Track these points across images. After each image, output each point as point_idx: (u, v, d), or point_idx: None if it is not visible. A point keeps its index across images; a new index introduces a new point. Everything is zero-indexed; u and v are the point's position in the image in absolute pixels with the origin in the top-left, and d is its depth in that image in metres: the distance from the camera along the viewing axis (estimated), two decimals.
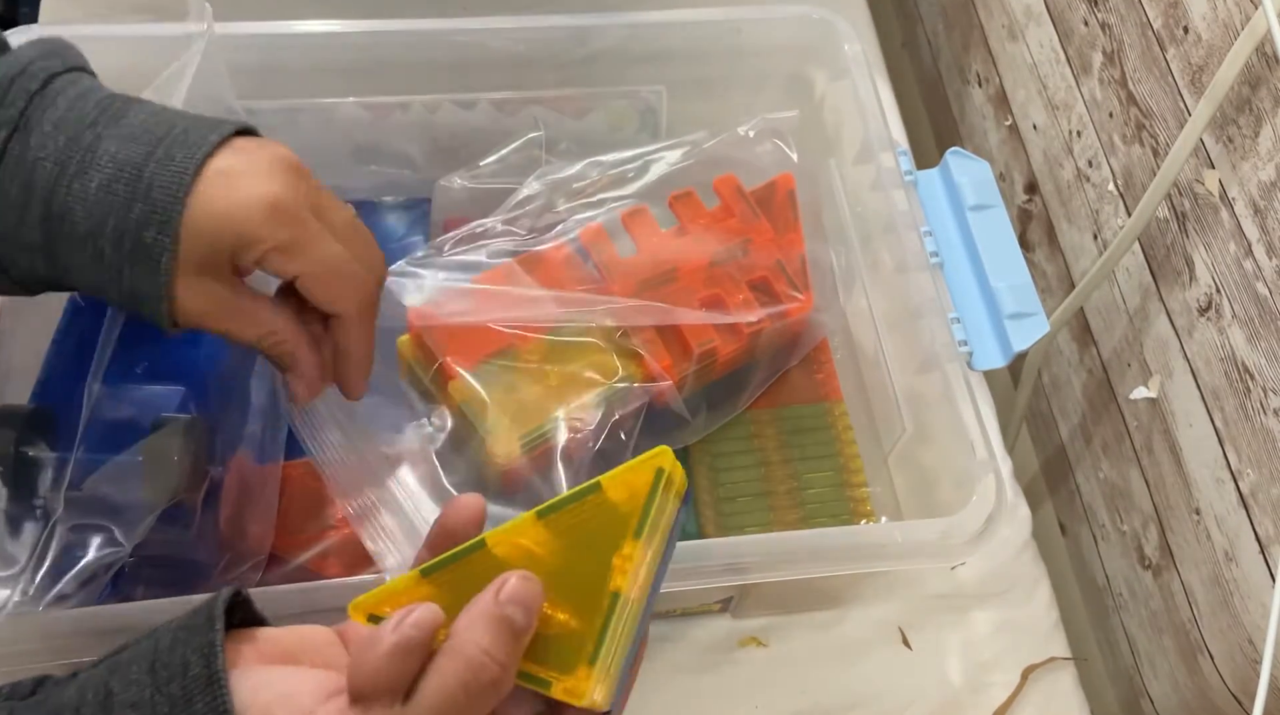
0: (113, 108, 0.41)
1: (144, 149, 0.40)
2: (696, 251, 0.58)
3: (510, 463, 0.51)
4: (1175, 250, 0.67)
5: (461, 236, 0.58)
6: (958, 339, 0.55)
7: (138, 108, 0.42)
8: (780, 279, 0.59)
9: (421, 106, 0.65)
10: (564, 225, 0.58)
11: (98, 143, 0.40)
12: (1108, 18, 0.72)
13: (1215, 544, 0.65)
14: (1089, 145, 0.76)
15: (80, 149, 0.40)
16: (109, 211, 0.40)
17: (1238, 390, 0.62)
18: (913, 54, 1.10)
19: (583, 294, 0.55)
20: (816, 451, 0.61)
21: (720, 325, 0.56)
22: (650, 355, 0.54)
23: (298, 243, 0.41)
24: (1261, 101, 0.58)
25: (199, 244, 0.40)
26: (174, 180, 0.40)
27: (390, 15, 0.61)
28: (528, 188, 0.60)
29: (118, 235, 0.40)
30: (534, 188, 0.60)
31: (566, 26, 0.63)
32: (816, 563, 0.50)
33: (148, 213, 0.39)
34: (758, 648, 0.63)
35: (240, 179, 0.41)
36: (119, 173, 0.40)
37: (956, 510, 0.51)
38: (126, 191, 0.40)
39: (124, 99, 0.42)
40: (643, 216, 0.59)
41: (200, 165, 0.40)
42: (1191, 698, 0.70)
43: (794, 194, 0.61)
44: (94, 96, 0.42)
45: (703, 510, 0.59)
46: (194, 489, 0.47)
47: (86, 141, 0.40)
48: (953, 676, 0.63)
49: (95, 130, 0.40)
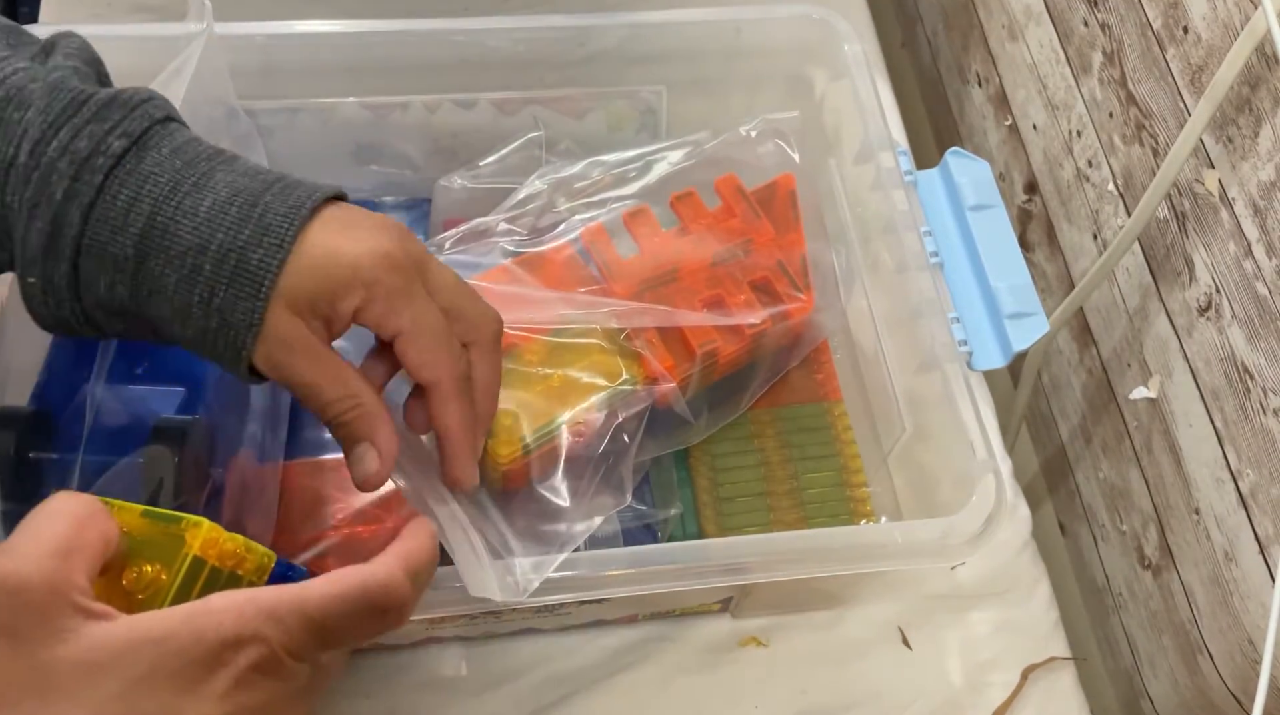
0: (225, 154, 0.41)
1: (260, 183, 0.40)
2: (698, 252, 0.58)
3: (513, 464, 0.51)
4: (1175, 250, 0.67)
5: (461, 235, 0.58)
6: (958, 339, 0.55)
7: (247, 159, 0.42)
8: (782, 279, 0.59)
9: (421, 106, 0.65)
10: (565, 225, 0.58)
11: (213, 172, 0.40)
12: (1107, 18, 0.72)
13: (1215, 544, 0.65)
14: (1089, 145, 0.76)
15: (196, 173, 0.39)
16: (217, 228, 0.39)
17: (1237, 390, 0.62)
18: (913, 54, 1.10)
19: (585, 295, 0.55)
20: (816, 451, 0.61)
21: (722, 326, 0.56)
22: (653, 356, 0.54)
23: (404, 296, 0.40)
24: (1261, 101, 0.58)
25: (304, 277, 0.39)
26: (291, 211, 0.39)
27: (390, 15, 0.61)
28: (528, 187, 0.60)
29: (222, 253, 0.38)
30: (535, 187, 0.60)
31: (566, 26, 0.63)
32: (816, 563, 0.50)
33: (259, 234, 0.39)
34: (758, 648, 0.63)
35: (354, 226, 0.40)
36: (234, 197, 0.39)
37: (956, 510, 0.51)
38: (239, 213, 0.39)
39: (234, 152, 0.42)
40: (644, 217, 0.59)
41: (318, 204, 0.40)
42: (1191, 698, 0.70)
43: (795, 194, 0.61)
44: (208, 143, 0.41)
45: (703, 510, 0.59)
46: (196, 492, 0.47)
47: (202, 169, 0.40)
48: (953, 676, 0.63)
49: (211, 164, 0.40)
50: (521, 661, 0.61)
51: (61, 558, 0.32)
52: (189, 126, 0.43)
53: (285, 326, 0.39)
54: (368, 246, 0.40)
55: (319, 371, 0.40)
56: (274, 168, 0.42)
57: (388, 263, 0.40)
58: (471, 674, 0.60)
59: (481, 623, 0.58)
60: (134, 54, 0.56)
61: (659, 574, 0.48)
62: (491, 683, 0.60)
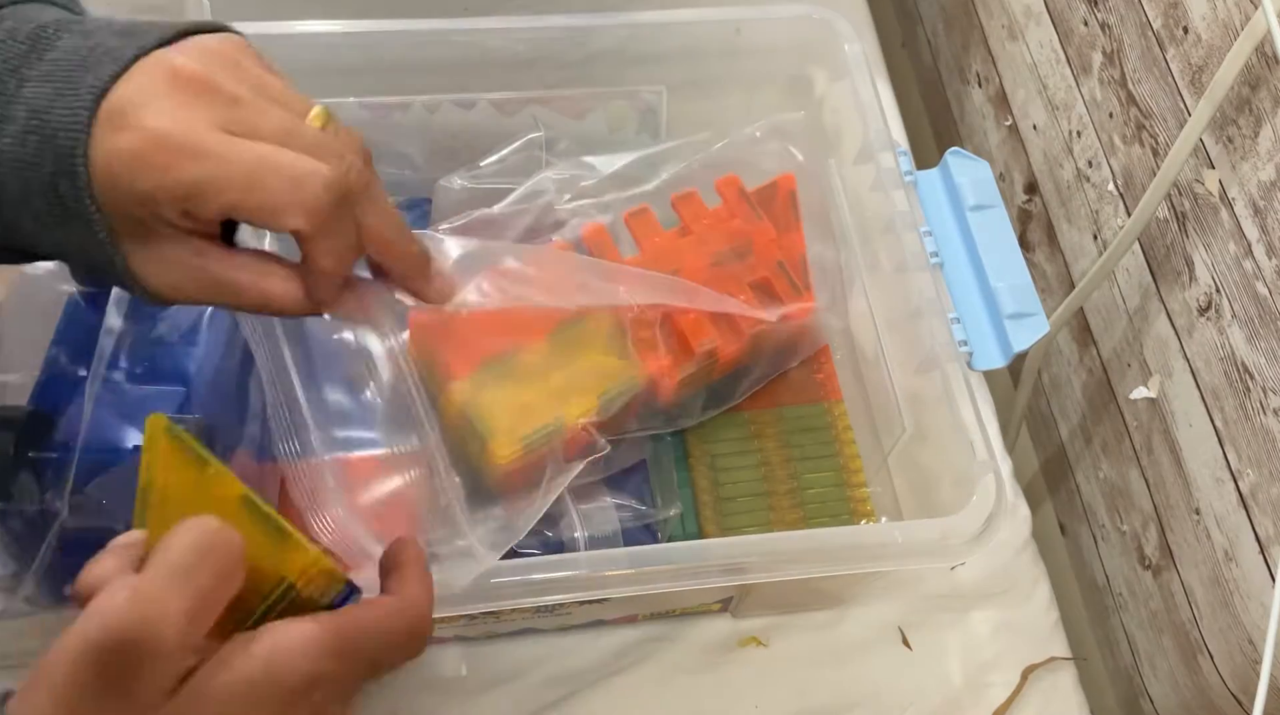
0: (44, 36, 0.36)
1: (54, 87, 0.35)
2: (698, 252, 0.58)
3: (512, 464, 0.51)
4: (1175, 250, 0.67)
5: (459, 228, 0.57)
6: (958, 339, 0.55)
7: (75, 29, 0.37)
8: (782, 280, 0.59)
9: (421, 106, 0.65)
10: (567, 225, 0.58)
11: (21, 86, 0.35)
12: (1108, 18, 0.72)
13: (1215, 544, 0.65)
14: (1089, 145, 0.76)
15: (5, 98, 0.35)
16: (25, 167, 0.35)
17: (1237, 390, 0.62)
18: (913, 54, 1.10)
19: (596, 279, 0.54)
20: (816, 451, 0.61)
21: (721, 325, 0.56)
22: (651, 356, 0.54)
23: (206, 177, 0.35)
24: (1261, 101, 0.58)
25: (120, 203, 0.35)
26: (72, 120, 0.34)
27: (390, 15, 0.61)
28: (530, 185, 0.60)
29: (42, 197, 0.35)
30: (536, 185, 0.60)
31: (566, 27, 0.63)
32: (816, 563, 0.50)
33: (60, 165, 0.34)
34: (758, 648, 0.63)
35: (133, 116, 0.35)
36: (29, 119, 0.35)
37: (956, 510, 0.51)
38: (37, 143, 0.35)
39: (62, 22, 0.37)
40: (645, 217, 0.59)
41: (97, 101, 0.35)
42: (1191, 698, 0.70)
43: (795, 195, 0.61)
44: (27, 28, 0.37)
45: (703, 510, 0.59)
46: None
47: (10, 88, 0.35)
48: (953, 676, 0.63)
49: (20, 73, 0.36)
50: (521, 661, 0.61)
51: (194, 622, 0.31)
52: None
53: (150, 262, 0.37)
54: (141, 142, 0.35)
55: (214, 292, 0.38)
56: None
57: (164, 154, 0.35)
58: (471, 674, 0.60)
59: (481, 623, 0.58)
60: None
61: (659, 574, 0.48)
62: (491, 683, 0.60)
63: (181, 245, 0.37)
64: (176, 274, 0.37)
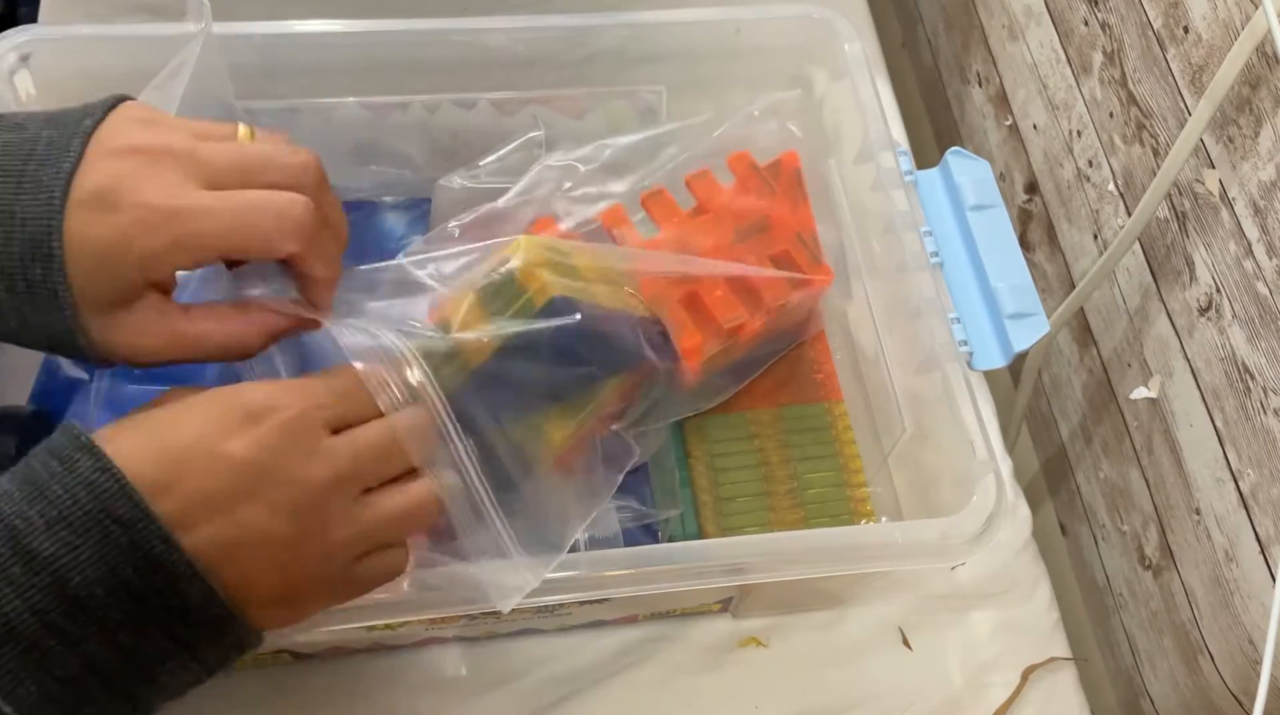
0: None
1: (14, 181, 0.37)
2: (719, 229, 0.58)
3: (565, 448, 0.51)
4: (1175, 250, 0.67)
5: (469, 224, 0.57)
6: (958, 339, 0.55)
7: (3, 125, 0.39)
8: (802, 252, 0.59)
9: (421, 106, 0.65)
10: (578, 209, 0.58)
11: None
12: (1108, 18, 0.72)
13: (1215, 544, 0.65)
14: (1089, 145, 0.76)
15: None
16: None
17: (1238, 390, 0.62)
18: (913, 54, 1.10)
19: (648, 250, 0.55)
20: (816, 451, 0.61)
21: (746, 301, 0.56)
22: (678, 334, 0.54)
23: (201, 230, 0.38)
24: (1261, 101, 0.58)
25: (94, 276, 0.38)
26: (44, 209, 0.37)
27: (390, 15, 0.61)
28: (531, 176, 0.59)
29: (6, 281, 0.37)
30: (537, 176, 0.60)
31: (566, 26, 0.63)
32: (816, 563, 0.50)
33: (33, 250, 0.37)
34: (758, 648, 0.63)
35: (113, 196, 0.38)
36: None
37: (956, 510, 0.51)
38: (3, 233, 0.37)
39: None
40: (661, 197, 0.59)
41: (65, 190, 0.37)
42: (1191, 698, 0.70)
43: (800, 171, 0.61)
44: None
45: (703, 510, 0.59)
46: None
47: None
48: (953, 676, 0.63)
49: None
50: (521, 662, 0.61)
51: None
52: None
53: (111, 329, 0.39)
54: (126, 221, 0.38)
55: (175, 348, 0.41)
56: None
57: (149, 220, 0.38)
58: (471, 674, 0.60)
59: (481, 623, 0.58)
60: (133, 54, 0.56)
61: (659, 574, 0.48)
62: (491, 683, 0.60)
63: (145, 305, 0.39)
64: (142, 336, 0.39)
